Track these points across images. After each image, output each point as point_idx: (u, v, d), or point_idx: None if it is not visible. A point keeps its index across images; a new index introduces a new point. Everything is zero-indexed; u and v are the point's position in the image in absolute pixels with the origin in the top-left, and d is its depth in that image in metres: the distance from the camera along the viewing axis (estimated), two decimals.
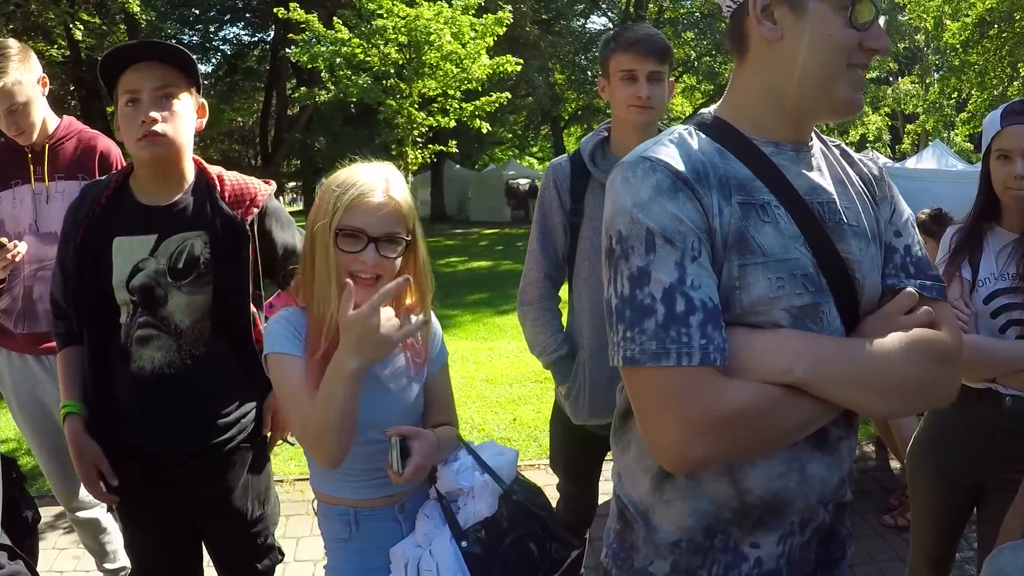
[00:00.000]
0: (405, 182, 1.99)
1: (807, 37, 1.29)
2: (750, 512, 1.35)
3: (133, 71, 2.07)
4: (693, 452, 1.22)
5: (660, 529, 1.41)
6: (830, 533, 1.44)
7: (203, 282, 2.15)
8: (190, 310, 2.15)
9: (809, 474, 1.36)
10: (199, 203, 2.18)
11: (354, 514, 2.02)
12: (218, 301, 2.17)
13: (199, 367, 2.17)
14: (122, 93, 2.08)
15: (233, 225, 2.18)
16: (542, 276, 2.72)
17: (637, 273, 1.24)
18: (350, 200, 1.82)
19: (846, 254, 1.35)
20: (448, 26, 9.09)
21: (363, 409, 1.85)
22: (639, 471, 1.44)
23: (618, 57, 2.54)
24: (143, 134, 2.06)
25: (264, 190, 2.30)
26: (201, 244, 2.15)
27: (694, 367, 1.20)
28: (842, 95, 1.31)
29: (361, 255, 1.83)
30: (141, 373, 2.14)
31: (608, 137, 2.70)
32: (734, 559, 1.37)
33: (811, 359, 1.25)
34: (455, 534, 1.90)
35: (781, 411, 1.25)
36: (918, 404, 1.40)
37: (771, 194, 1.33)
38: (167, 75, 2.09)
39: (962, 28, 17.22)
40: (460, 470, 2.00)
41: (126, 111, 2.09)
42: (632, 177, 1.28)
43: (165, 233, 2.14)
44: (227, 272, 2.17)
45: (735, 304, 1.27)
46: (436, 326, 2.14)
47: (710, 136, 1.38)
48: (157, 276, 2.12)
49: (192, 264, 2.14)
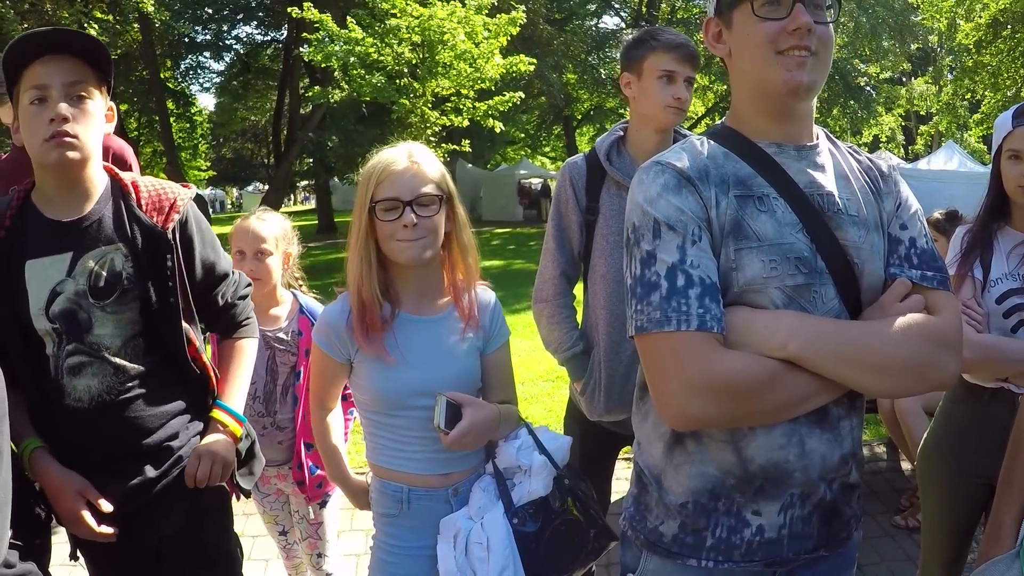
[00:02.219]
0: (430, 152, 2.11)
1: (740, 45, 1.52)
2: (752, 479, 1.50)
3: (41, 64, 1.84)
4: (691, 410, 1.40)
5: (670, 491, 1.58)
6: (832, 511, 1.57)
7: (128, 298, 1.96)
8: (119, 329, 1.96)
9: (809, 448, 1.50)
10: (115, 213, 1.98)
11: (407, 492, 2.08)
12: (147, 317, 1.99)
13: (141, 387, 1.99)
14: (26, 89, 1.86)
15: (153, 235, 1.99)
16: (558, 274, 2.75)
17: (646, 256, 1.45)
18: (379, 175, 1.99)
19: (843, 240, 1.51)
20: (462, 26, 9.13)
21: (413, 376, 2.02)
22: (655, 438, 1.61)
23: (659, 57, 2.56)
24: (52, 134, 1.83)
25: (184, 195, 2.08)
26: (121, 258, 1.96)
27: (692, 332, 1.39)
28: (779, 77, 1.47)
29: (400, 220, 1.96)
30: (80, 406, 1.94)
31: (623, 137, 2.72)
32: (736, 523, 1.53)
33: (806, 336, 1.40)
34: (508, 510, 1.99)
35: (776, 383, 1.40)
36: (914, 384, 1.51)
37: (771, 187, 1.50)
38: (80, 70, 1.88)
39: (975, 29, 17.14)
40: (521, 448, 2.09)
41: (30, 109, 1.86)
42: (646, 178, 1.52)
43: (81, 250, 1.93)
44: (153, 286, 1.98)
45: (733, 283, 1.46)
46: (493, 299, 2.22)
47: (719, 142, 1.58)
48: (78, 298, 1.92)
49: (114, 281, 1.94)
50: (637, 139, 2.66)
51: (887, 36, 28.22)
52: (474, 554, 1.95)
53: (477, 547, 1.96)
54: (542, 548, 1.98)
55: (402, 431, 2.05)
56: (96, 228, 1.95)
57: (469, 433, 1.96)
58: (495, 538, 1.95)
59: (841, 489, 1.57)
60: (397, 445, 2.07)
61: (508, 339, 2.24)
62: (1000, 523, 1.76)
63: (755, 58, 1.48)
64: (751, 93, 1.54)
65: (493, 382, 2.19)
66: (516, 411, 2.19)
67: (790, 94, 1.47)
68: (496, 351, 2.19)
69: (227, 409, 2.17)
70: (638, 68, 2.61)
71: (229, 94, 33.29)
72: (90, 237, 1.94)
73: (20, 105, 1.89)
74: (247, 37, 30.64)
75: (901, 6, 27.30)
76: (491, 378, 2.18)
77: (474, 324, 2.12)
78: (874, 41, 27.86)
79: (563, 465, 2.12)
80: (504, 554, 1.92)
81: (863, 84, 30.64)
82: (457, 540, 2.00)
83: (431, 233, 2.00)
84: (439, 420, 1.93)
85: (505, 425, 2.12)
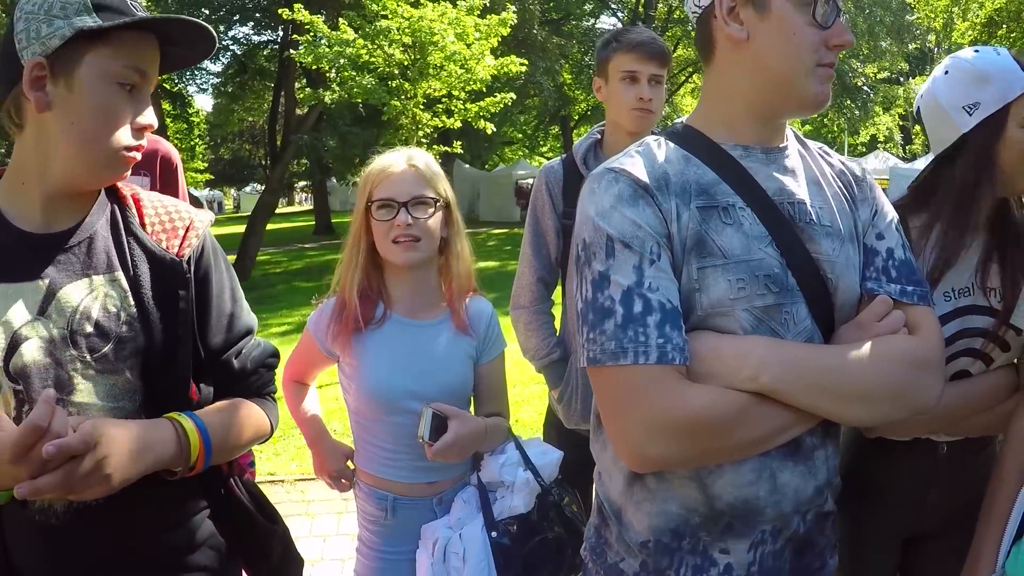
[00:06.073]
0: (431, 158, 2.15)
1: (773, 37, 1.33)
2: (719, 518, 1.36)
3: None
4: (652, 450, 1.26)
5: (630, 528, 1.43)
6: (806, 542, 1.43)
7: (126, 353, 1.39)
8: (111, 397, 1.38)
9: (781, 483, 1.35)
10: (112, 232, 1.45)
11: (392, 500, 2.08)
12: (148, 379, 1.42)
13: (136, 486, 1.31)
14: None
15: (163, 264, 1.44)
16: (535, 279, 2.72)
17: (598, 277, 1.29)
18: (376, 176, 2.04)
19: (817, 254, 1.36)
20: (452, 27, 9.11)
21: (402, 379, 2.03)
22: (615, 470, 1.46)
23: (620, 58, 2.53)
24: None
25: (202, 217, 1.56)
26: (119, 294, 1.40)
27: (651, 365, 1.24)
28: (812, 90, 1.34)
29: (394, 220, 1.99)
30: (47, 519, 1.35)
31: (601, 140, 2.69)
32: (702, 562, 1.38)
33: (779, 365, 1.27)
34: (488, 523, 2.00)
35: (747, 418, 1.27)
36: (895, 412, 1.36)
37: (736, 196, 1.35)
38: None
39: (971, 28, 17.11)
40: (506, 464, 2.09)
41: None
42: (597, 188, 1.35)
43: (61, 278, 1.37)
44: (160, 335, 1.41)
45: (696, 306, 1.30)
46: (490, 310, 2.22)
47: (679, 144, 1.41)
48: (53, 349, 1.34)
49: (108, 326, 1.38)
50: (612, 143, 2.62)
51: (884, 36, 28.23)
52: (451, 563, 1.96)
53: (454, 556, 1.96)
54: (520, 562, 1.97)
55: (391, 436, 2.06)
56: (86, 250, 1.40)
57: (453, 447, 1.94)
58: (472, 551, 1.95)
59: (815, 519, 1.43)
60: (384, 452, 2.08)
61: (503, 351, 2.23)
62: (979, 551, 1.68)
63: (791, 59, 1.32)
64: (758, 90, 1.36)
65: (485, 393, 2.19)
66: (506, 424, 2.18)
67: (816, 107, 1.37)
68: (490, 362, 2.19)
69: (199, 425, 1.42)
70: (605, 71, 2.58)
71: (226, 95, 33.33)
72: (77, 261, 1.39)
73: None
74: (244, 38, 30.72)
75: (898, 6, 27.31)
76: (483, 389, 2.19)
77: (467, 332, 2.12)
78: (871, 41, 27.87)
79: (551, 480, 2.11)
80: (480, 566, 1.93)
81: (860, 84, 30.62)
82: (436, 547, 2.00)
83: (425, 236, 2.01)
84: (424, 432, 1.92)
85: (492, 438, 2.11)
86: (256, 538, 1.65)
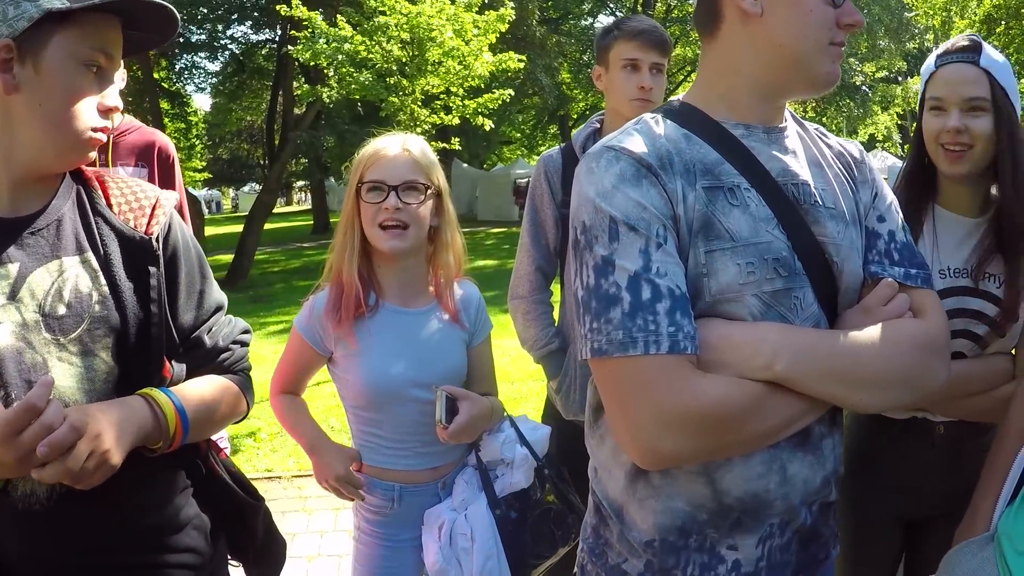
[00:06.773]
0: (427, 145, 2.12)
1: (789, 12, 1.28)
2: (727, 513, 1.31)
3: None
4: (663, 446, 1.19)
5: (634, 528, 1.36)
6: (812, 533, 1.40)
7: (100, 333, 1.37)
8: (86, 380, 1.36)
9: (791, 475, 1.32)
10: (80, 213, 1.44)
11: (399, 490, 2.09)
12: (124, 361, 1.40)
13: (119, 468, 1.29)
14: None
15: (131, 243, 1.43)
16: (533, 269, 2.70)
17: (601, 262, 1.22)
18: (369, 158, 2.02)
19: (822, 236, 1.33)
20: (450, 23, 9.09)
21: (403, 368, 2.03)
22: (614, 467, 1.40)
23: (621, 46, 2.52)
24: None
25: (167, 196, 1.55)
26: (89, 275, 1.39)
27: (663, 355, 1.17)
28: (824, 68, 1.31)
29: (383, 203, 1.97)
30: (31, 506, 1.33)
31: (600, 129, 2.68)
32: (710, 560, 1.33)
33: (793, 353, 1.22)
34: (491, 501, 2.05)
35: (762, 409, 1.22)
36: (905, 397, 1.33)
37: (741, 176, 1.30)
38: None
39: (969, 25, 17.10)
40: (505, 441, 2.14)
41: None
42: (596, 167, 1.27)
43: (31, 262, 1.36)
44: (133, 313, 1.40)
45: (704, 292, 1.24)
46: (476, 294, 2.24)
47: (677, 122, 1.36)
48: (26, 333, 1.32)
49: (81, 308, 1.36)
50: (612, 131, 2.60)
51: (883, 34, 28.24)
52: (459, 544, 2.00)
53: (462, 538, 2.00)
54: (525, 535, 2.04)
55: (394, 426, 2.06)
56: (55, 232, 1.39)
57: (468, 427, 1.99)
58: (479, 529, 1.99)
59: (820, 510, 1.40)
60: (388, 443, 2.08)
61: (490, 332, 2.27)
62: (977, 507, 1.69)
63: (806, 36, 1.28)
64: (766, 66, 1.31)
65: (477, 374, 2.22)
66: (500, 404, 2.23)
67: (826, 86, 1.34)
68: (480, 344, 2.23)
69: (175, 402, 1.41)
70: (605, 59, 2.58)
71: (224, 95, 33.32)
72: (46, 244, 1.38)
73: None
74: (242, 37, 30.64)
75: (896, 4, 27.29)
76: (476, 370, 2.21)
77: (459, 318, 2.14)
78: (870, 39, 27.87)
79: (543, 455, 2.18)
80: (488, 544, 1.98)
81: (859, 83, 30.64)
82: (442, 531, 2.04)
83: (414, 223, 2.00)
84: (440, 415, 1.95)
85: (494, 417, 2.17)
86: (240, 516, 1.66)
